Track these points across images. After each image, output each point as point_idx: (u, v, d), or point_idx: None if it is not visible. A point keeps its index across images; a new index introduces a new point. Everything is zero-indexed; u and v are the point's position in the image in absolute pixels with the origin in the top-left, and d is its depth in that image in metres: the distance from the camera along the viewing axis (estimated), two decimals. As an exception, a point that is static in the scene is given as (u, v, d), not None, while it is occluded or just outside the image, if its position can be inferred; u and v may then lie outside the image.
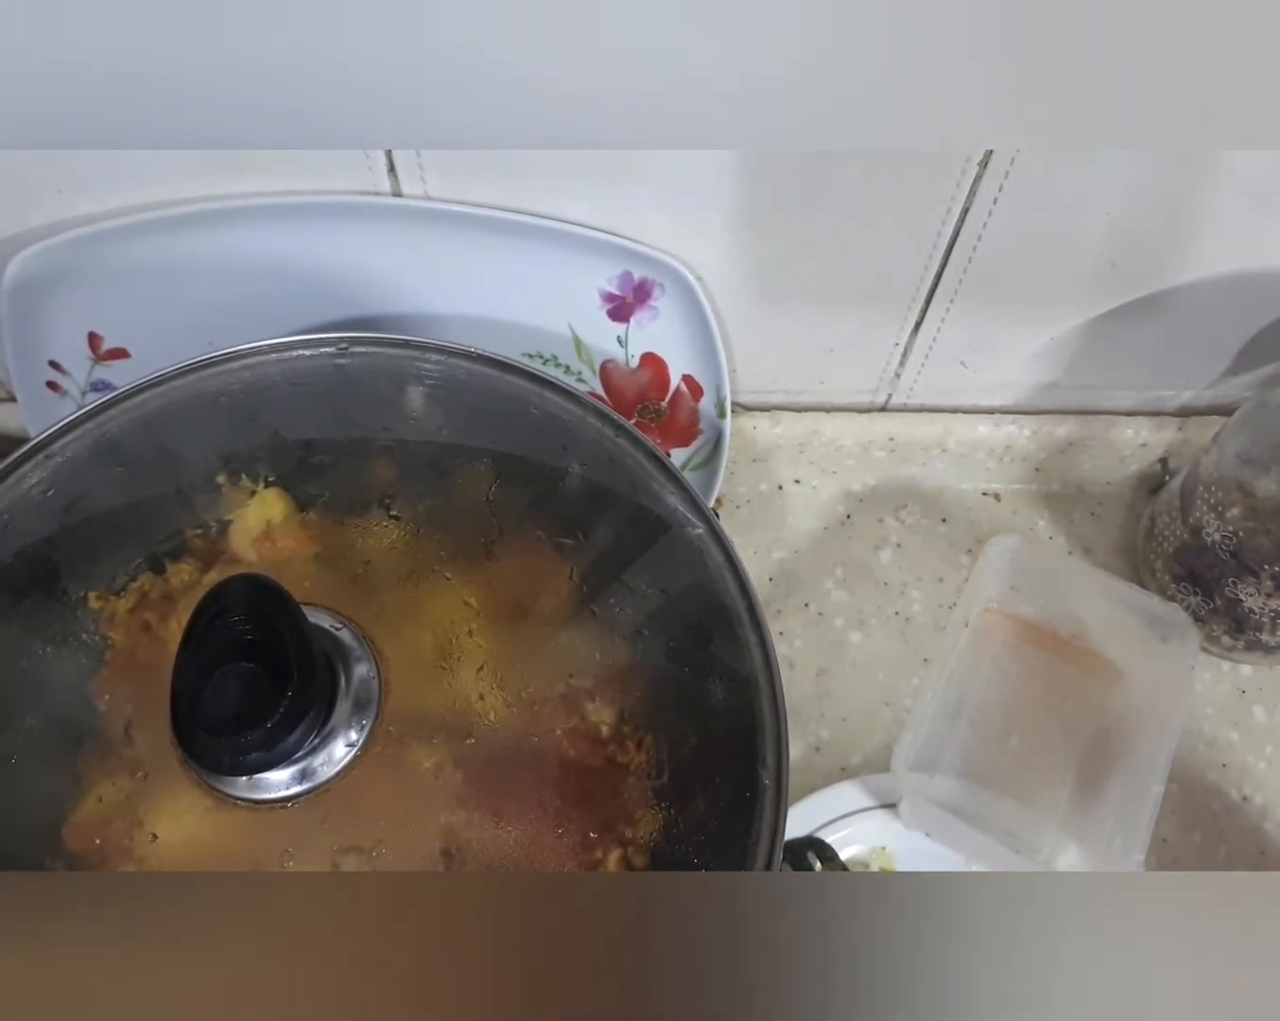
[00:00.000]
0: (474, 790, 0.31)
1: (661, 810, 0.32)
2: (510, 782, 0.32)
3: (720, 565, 0.35)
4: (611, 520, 0.36)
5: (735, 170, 0.42)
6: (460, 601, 0.34)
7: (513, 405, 0.37)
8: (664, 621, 0.35)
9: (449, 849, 0.31)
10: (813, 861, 0.44)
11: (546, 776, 0.32)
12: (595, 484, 0.36)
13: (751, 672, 0.33)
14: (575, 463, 0.36)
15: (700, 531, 0.35)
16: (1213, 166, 0.42)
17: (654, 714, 0.34)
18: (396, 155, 0.41)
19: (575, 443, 0.36)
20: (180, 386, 0.36)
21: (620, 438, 0.36)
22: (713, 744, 0.34)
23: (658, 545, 0.35)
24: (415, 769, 0.31)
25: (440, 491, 0.36)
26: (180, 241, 0.43)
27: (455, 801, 0.31)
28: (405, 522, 0.35)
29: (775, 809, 0.31)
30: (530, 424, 0.37)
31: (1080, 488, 0.58)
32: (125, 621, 0.33)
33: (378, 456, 0.37)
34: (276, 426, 0.37)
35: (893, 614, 0.54)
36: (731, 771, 0.33)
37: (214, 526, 0.35)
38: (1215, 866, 0.48)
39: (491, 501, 0.36)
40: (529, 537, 0.36)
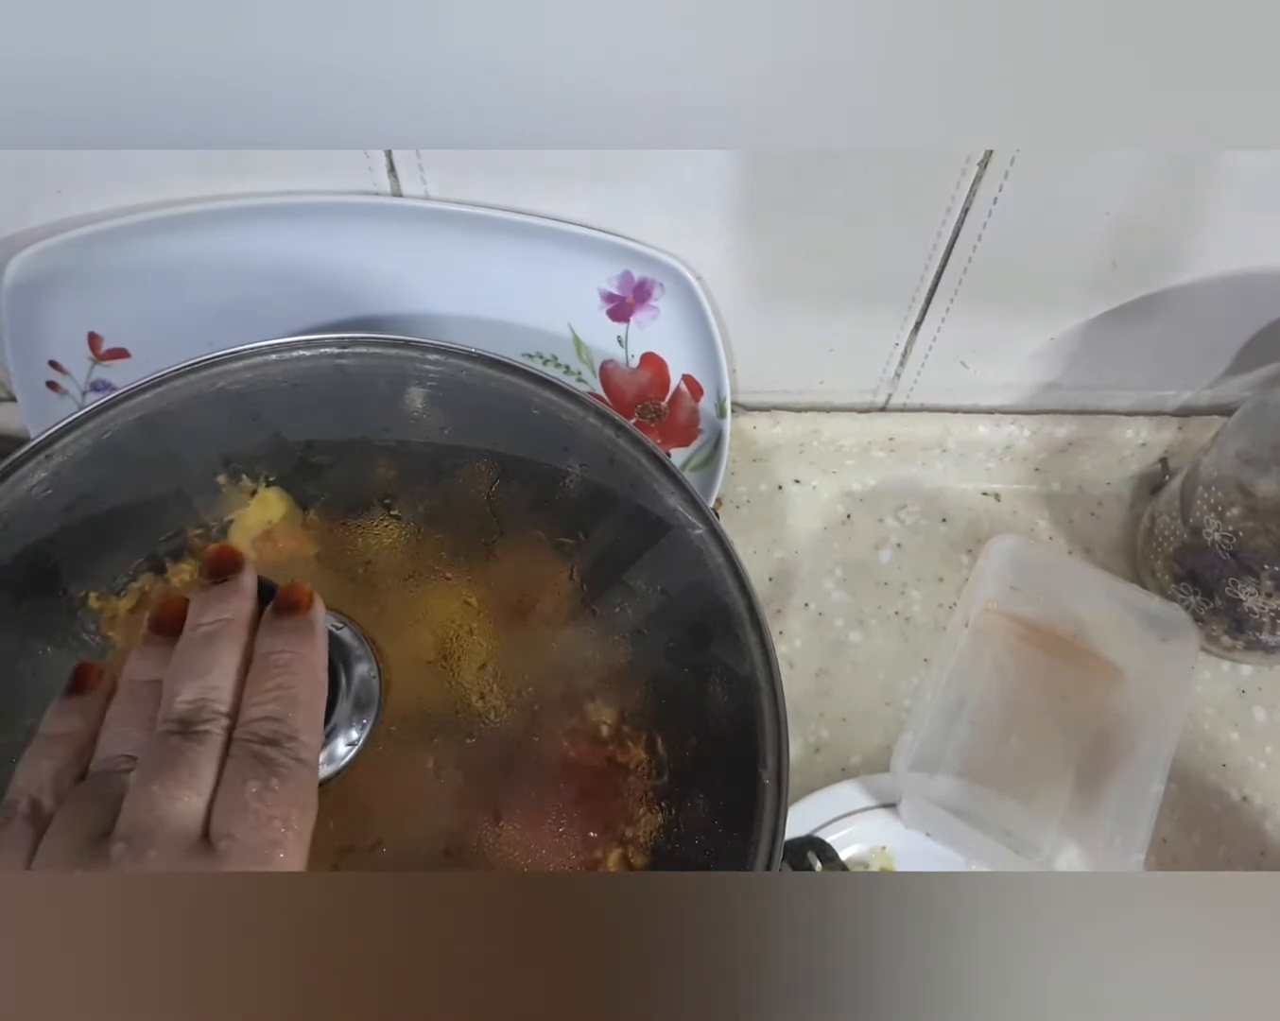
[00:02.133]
0: (474, 789, 0.31)
1: (661, 810, 0.32)
2: (511, 782, 0.32)
3: (720, 566, 0.35)
4: (612, 520, 0.36)
5: (735, 170, 0.42)
6: (461, 601, 0.34)
7: (513, 405, 0.37)
8: (664, 621, 0.35)
9: (450, 847, 0.31)
10: (813, 861, 0.44)
11: (547, 776, 0.32)
12: (595, 484, 0.36)
13: (751, 673, 0.33)
14: (575, 463, 0.36)
15: (700, 531, 0.35)
16: (1213, 166, 0.42)
17: (654, 714, 0.34)
18: (396, 155, 0.41)
19: (575, 443, 0.36)
20: (180, 387, 0.36)
21: (620, 438, 0.36)
22: (713, 744, 0.34)
23: (658, 545, 0.35)
24: (416, 767, 0.31)
25: (440, 492, 0.36)
26: (180, 241, 0.43)
27: (455, 800, 0.31)
28: (406, 523, 0.35)
29: (775, 809, 0.32)
30: (530, 424, 0.37)
31: (1080, 488, 0.58)
32: (126, 621, 0.33)
33: (378, 457, 0.37)
34: (277, 427, 0.37)
35: (893, 614, 0.54)
36: (732, 771, 0.33)
37: (214, 526, 0.35)
38: (1215, 866, 0.48)
39: (492, 501, 0.36)
40: (529, 538, 0.36)
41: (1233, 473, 0.45)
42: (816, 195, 0.43)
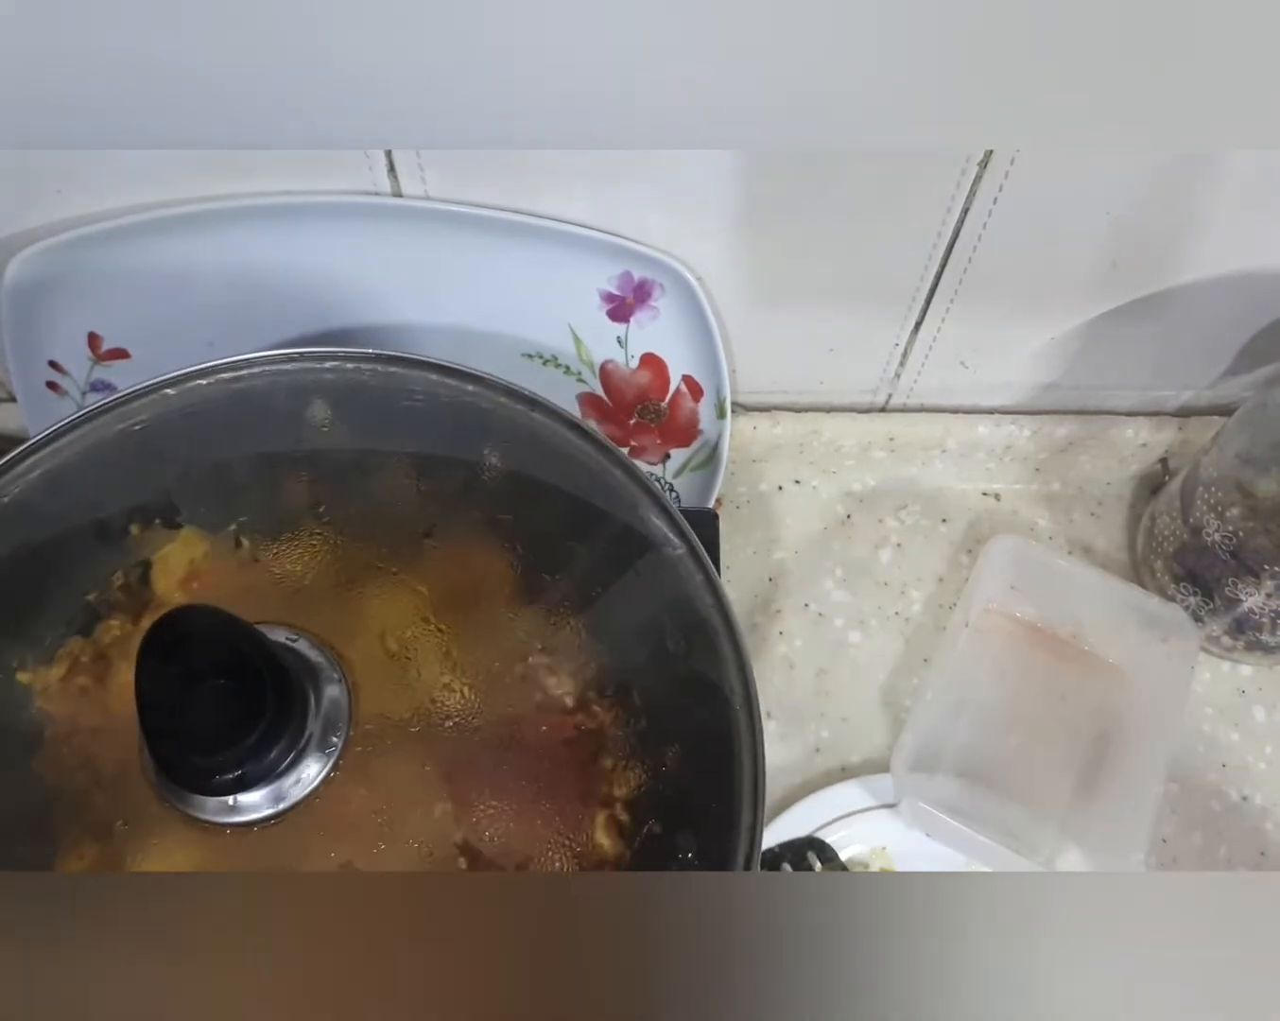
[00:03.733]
0: (452, 784, 0.31)
1: (637, 786, 0.32)
2: (485, 773, 0.31)
3: (652, 510, 0.34)
4: (544, 494, 0.36)
5: (735, 170, 0.42)
6: (412, 597, 0.33)
7: (424, 399, 0.36)
8: (599, 579, 0.34)
9: (435, 845, 0.30)
10: (813, 861, 0.44)
11: (521, 765, 0.32)
12: (517, 462, 0.36)
13: (714, 636, 0.33)
14: (496, 444, 0.36)
15: (617, 475, 0.35)
16: (1213, 166, 0.42)
17: (624, 685, 0.33)
18: (396, 155, 0.41)
19: (491, 425, 0.36)
20: (79, 437, 0.35)
21: (536, 412, 0.36)
22: (680, 711, 0.33)
23: (594, 512, 0.35)
24: (393, 769, 0.31)
25: (366, 491, 0.35)
26: (180, 241, 0.43)
27: (435, 797, 0.31)
28: (339, 527, 0.34)
29: (754, 809, 0.31)
30: (445, 413, 0.36)
31: (1080, 488, 0.58)
32: (60, 692, 0.31)
33: (297, 469, 0.36)
34: (186, 461, 0.35)
35: (893, 614, 0.54)
36: (704, 744, 0.32)
37: (134, 575, 0.33)
38: (1215, 866, 0.48)
39: (421, 493, 0.35)
40: (462, 522, 0.35)
41: (1233, 472, 0.45)
42: (816, 195, 0.43)
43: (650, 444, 0.53)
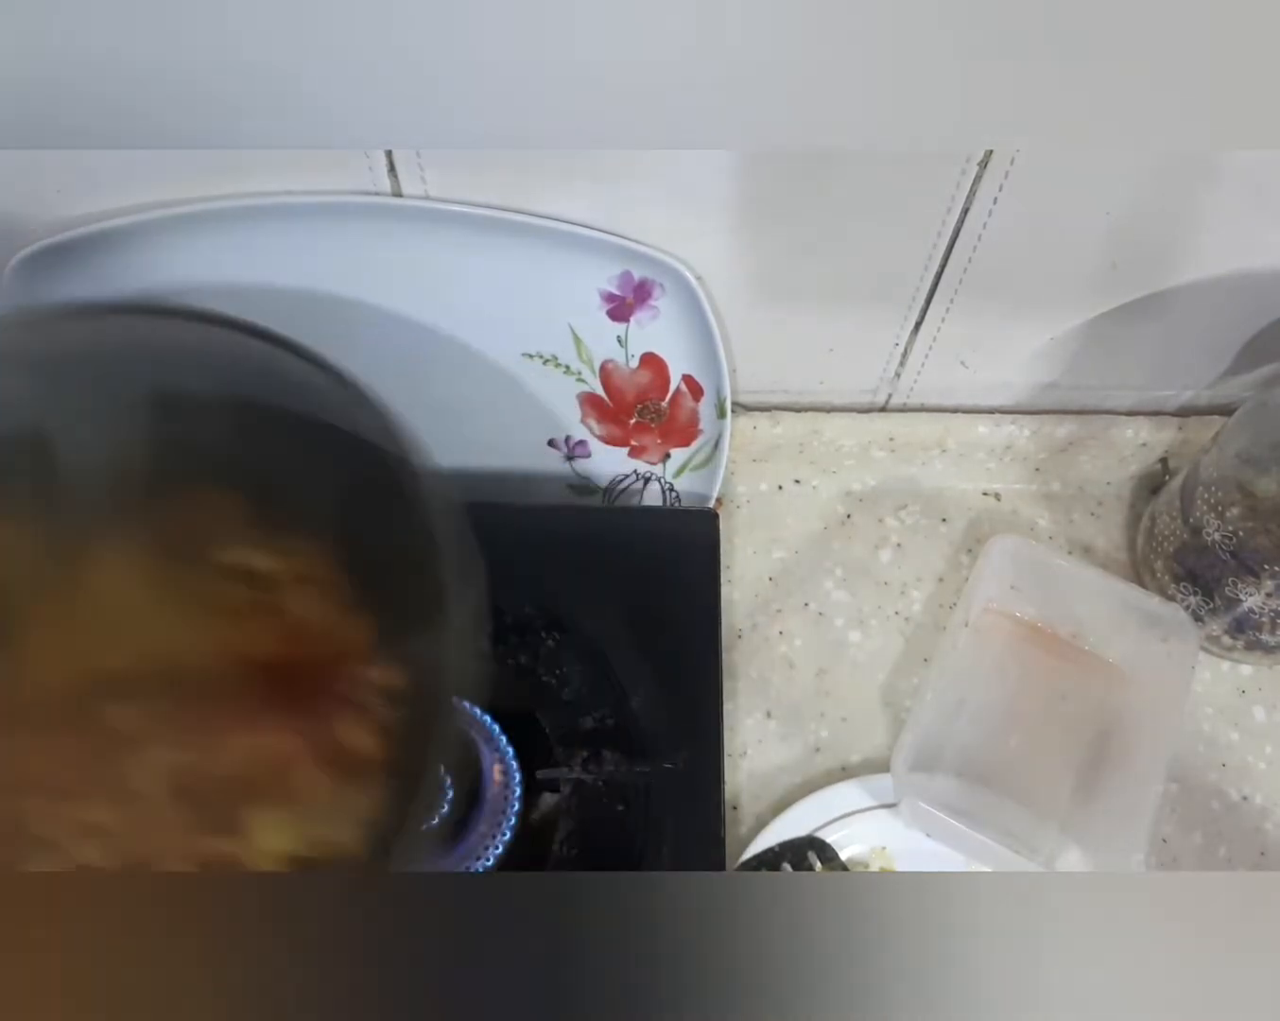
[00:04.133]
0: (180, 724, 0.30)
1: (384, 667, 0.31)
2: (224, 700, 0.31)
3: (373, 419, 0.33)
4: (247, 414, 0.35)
5: (735, 170, 0.42)
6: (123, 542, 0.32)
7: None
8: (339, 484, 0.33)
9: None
10: (813, 861, 0.44)
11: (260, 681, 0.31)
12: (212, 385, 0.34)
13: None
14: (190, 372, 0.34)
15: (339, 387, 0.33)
16: (1213, 166, 0.42)
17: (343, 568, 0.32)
18: (396, 155, 0.41)
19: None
20: None
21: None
22: (407, 575, 0.31)
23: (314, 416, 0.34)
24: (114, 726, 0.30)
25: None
26: (181, 241, 0.43)
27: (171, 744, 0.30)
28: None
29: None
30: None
31: (1080, 488, 0.58)
32: None
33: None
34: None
35: (893, 614, 0.54)
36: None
37: None
38: (1215, 866, 0.48)
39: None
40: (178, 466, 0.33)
41: (1233, 473, 0.45)
42: (817, 195, 0.43)
43: (650, 443, 0.53)
